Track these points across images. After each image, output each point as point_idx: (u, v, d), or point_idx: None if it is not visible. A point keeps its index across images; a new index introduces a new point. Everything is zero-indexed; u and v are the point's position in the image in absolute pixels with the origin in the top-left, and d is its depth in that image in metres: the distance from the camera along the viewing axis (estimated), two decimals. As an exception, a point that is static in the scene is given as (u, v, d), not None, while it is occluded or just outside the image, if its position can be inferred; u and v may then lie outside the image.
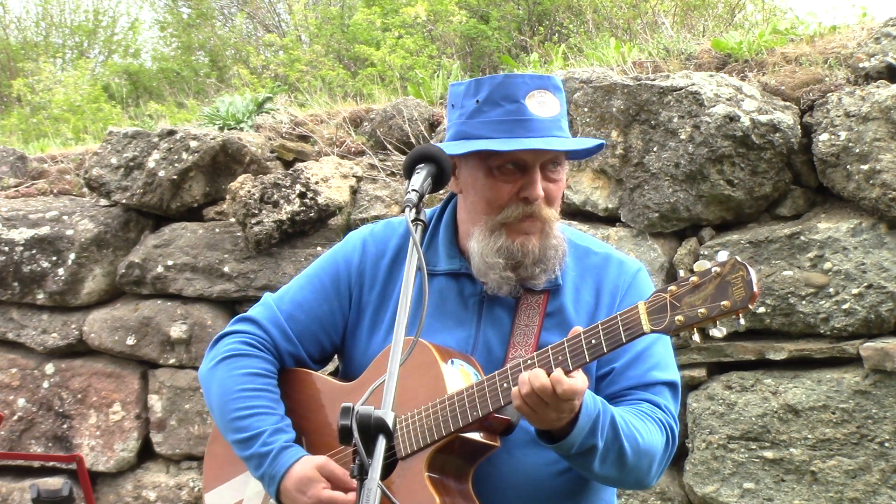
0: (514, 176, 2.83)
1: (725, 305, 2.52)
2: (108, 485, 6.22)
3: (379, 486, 2.23)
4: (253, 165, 6.15)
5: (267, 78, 11.07)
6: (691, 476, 5.06)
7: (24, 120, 11.80)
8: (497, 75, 2.90)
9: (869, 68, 5.04)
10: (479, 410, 2.71)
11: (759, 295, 2.56)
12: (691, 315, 2.55)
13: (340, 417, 2.32)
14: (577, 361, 2.65)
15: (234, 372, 2.97)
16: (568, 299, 2.90)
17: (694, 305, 2.55)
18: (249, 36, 14.71)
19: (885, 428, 4.77)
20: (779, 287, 4.90)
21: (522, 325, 2.88)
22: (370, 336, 2.96)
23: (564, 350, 2.66)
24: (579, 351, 2.65)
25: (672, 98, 5.06)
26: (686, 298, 2.56)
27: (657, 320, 2.59)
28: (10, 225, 6.37)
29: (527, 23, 10.82)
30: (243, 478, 3.01)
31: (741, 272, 2.52)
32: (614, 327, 2.64)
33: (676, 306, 2.57)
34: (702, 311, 2.54)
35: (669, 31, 6.85)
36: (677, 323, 2.57)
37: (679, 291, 2.57)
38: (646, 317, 2.59)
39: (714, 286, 2.54)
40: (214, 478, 3.09)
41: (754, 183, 4.99)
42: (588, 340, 2.65)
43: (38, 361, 6.35)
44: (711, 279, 2.54)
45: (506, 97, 2.83)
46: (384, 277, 2.97)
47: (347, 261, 3.01)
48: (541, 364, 2.66)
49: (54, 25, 16.48)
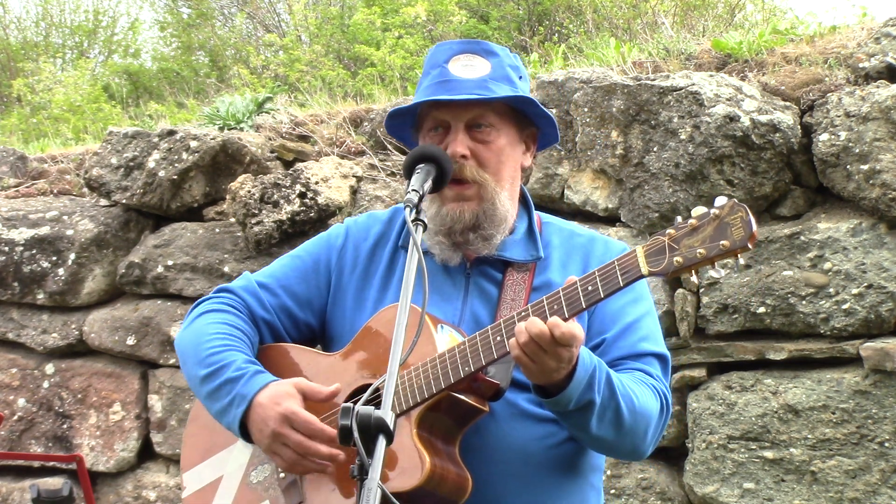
0: (441, 137, 2.85)
1: (724, 245, 2.52)
2: (108, 485, 6.22)
3: (379, 485, 2.23)
4: (253, 165, 6.15)
5: (267, 78, 11.08)
6: (691, 476, 5.06)
7: (24, 120, 11.80)
8: (433, 46, 2.94)
9: (869, 68, 5.04)
10: (472, 365, 2.69)
11: (757, 236, 2.56)
12: (690, 256, 2.55)
13: (341, 417, 2.32)
14: (573, 308, 2.63)
15: (210, 321, 2.95)
16: (555, 274, 2.90)
17: (692, 247, 2.55)
18: (249, 36, 14.71)
19: (885, 428, 4.77)
20: (779, 287, 4.90)
21: (509, 298, 2.87)
22: (354, 315, 2.94)
23: (560, 299, 2.64)
24: (575, 298, 2.63)
25: (672, 98, 5.06)
26: (685, 241, 2.56)
27: (655, 262, 2.58)
28: (11, 225, 6.37)
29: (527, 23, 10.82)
30: (223, 454, 2.98)
31: (740, 213, 2.52)
32: (611, 272, 2.63)
33: (675, 248, 2.57)
34: (701, 251, 2.54)
35: (669, 31, 6.85)
36: (676, 264, 2.57)
37: (677, 234, 2.57)
38: (644, 259, 2.59)
39: (713, 228, 2.54)
40: (192, 457, 3.05)
41: (754, 183, 4.99)
42: (584, 287, 2.63)
43: (38, 361, 6.35)
44: (710, 221, 2.54)
45: (433, 64, 2.88)
46: (365, 260, 2.97)
47: (330, 245, 3.02)
48: (535, 313, 2.64)
49: (54, 25, 16.48)
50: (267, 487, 2.91)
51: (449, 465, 2.72)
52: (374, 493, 2.23)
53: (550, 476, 2.84)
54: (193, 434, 3.07)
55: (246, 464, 2.95)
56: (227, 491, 2.96)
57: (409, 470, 2.66)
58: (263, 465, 2.93)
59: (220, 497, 2.97)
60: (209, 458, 3.01)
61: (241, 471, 2.95)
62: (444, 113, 2.85)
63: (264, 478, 2.92)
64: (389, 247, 2.98)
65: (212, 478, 2.99)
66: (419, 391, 2.71)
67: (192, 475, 3.02)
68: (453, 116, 2.84)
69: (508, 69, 2.89)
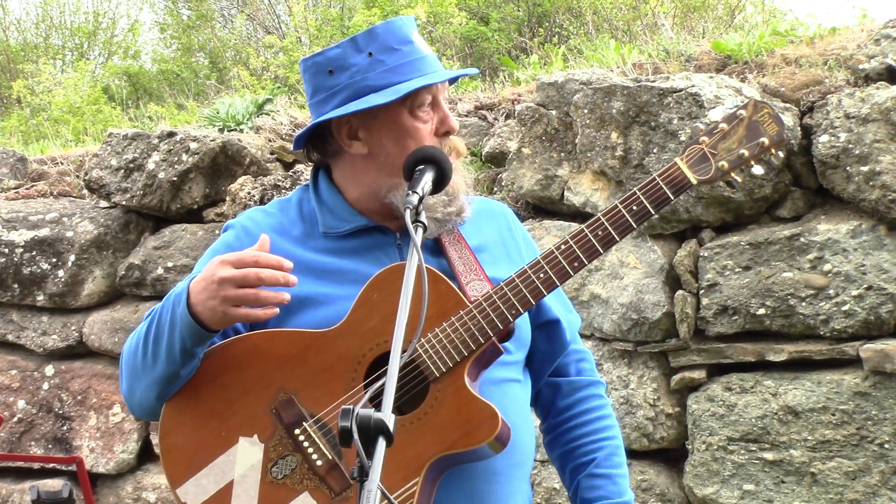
0: (429, 114, 2.81)
1: (764, 142, 2.60)
2: (108, 486, 6.22)
3: (379, 487, 2.23)
4: (253, 167, 6.16)
5: (267, 79, 11.08)
6: (691, 478, 5.06)
7: (24, 121, 11.80)
8: (376, 26, 2.83)
9: (869, 70, 5.04)
10: (520, 307, 2.68)
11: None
12: (733, 159, 2.63)
13: (340, 419, 2.31)
14: (622, 229, 2.65)
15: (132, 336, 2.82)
16: (479, 237, 2.89)
17: (732, 149, 2.62)
18: (249, 37, 14.72)
19: (885, 429, 4.77)
20: (779, 288, 4.90)
21: (456, 257, 2.83)
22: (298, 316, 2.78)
23: (603, 224, 2.65)
24: (622, 221, 2.65)
25: (672, 100, 5.06)
26: (721, 145, 2.63)
27: (702, 170, 2.64)
28: (10, 227, 6.37)
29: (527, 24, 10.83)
30: (223, 459, 2.79)
31: (766, 109, 2.60)
32: (656, 188, 2.65)
33: (715, 154, 2.63)
34: (742, 152, 2.62)
35: (669, 32, 6.85)
36: (721, 168, 2.63)
37: (713, 140, 2.63)
38: (688, 169, 2.64)
39: (744, 128, 2.61)
40: (183, 470, 2.80)
41: (754, 184, 4.99)
42: (629, 207, 2.65)
43: (38, 363, 6.35)
44: (739, 122, 2.61)
45: (400, 41, 2.80)
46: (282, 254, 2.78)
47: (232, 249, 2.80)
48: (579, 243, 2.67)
49: (54, 27, 16.49)
50: (300, 479, 2.76)
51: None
52: (374, 494, 2.23)
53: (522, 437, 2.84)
54: (173, 447, 2.82)
55: (261, 461, 2.78)
56: (245, 494, 2.79)
57: (483, 423, 2.62)
58: (286, 458, 2.77)
59: (238, 502, 2.78)
60: (206, 467, 2.81)
61: (256, 470, 2.79)
62: (435, 89, 2.82)
63: (291, 470, 2.77)
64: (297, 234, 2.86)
65: (219, 485, 2.80)
66: (463, 345, 2.67)
67: (190, 488, 2.81)
68: (438, 92, 2.82)
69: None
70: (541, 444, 3.05)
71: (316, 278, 2.80)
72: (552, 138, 5.48)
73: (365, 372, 2.73)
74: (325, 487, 2.73)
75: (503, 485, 2.80)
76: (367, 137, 2.82)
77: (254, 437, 2.78)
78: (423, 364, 2.69)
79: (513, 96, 6.15)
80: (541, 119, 5.50)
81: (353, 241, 2.85)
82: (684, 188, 2.65)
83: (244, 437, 2.79)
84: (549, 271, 2.68)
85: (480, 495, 2.76)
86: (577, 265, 2.70)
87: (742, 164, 2.63)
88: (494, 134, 5.97)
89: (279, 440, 2.76)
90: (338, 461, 2.72)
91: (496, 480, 2.78)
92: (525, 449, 2.85)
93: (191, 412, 2.81)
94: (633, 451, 5.19)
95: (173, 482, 2.83)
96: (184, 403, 2.81)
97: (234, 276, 2.57)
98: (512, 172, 5.58)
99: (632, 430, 5.15)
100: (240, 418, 2.79)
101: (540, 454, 5.29)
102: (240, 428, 2.78)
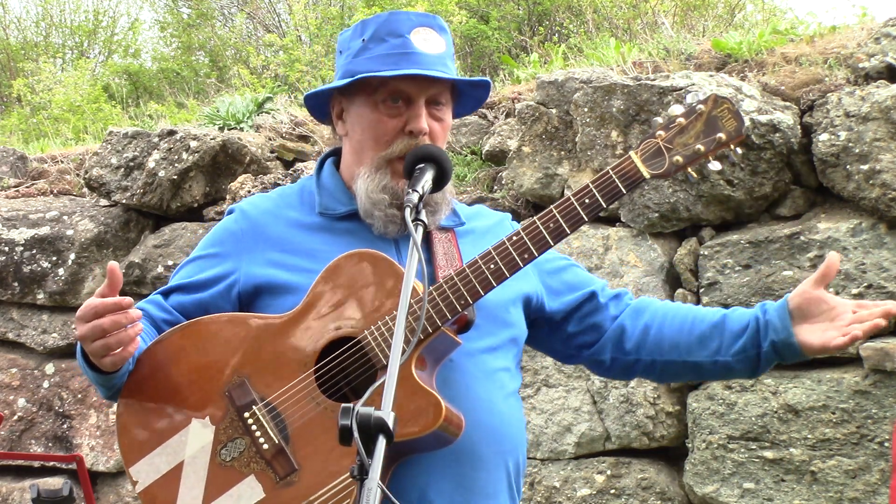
0: (400, 110, 2.81)
1: (721, 137, 2.53)
2: (108, 485, 6.22)
3: (379, 485, 2.23)
4: (253, 165, 6.16)
5: (267, 78, 11.08)
6: (691, 476, 5.06)
7: (24, 120, 11.81)
8: (382, 13, 2.89)
9: (869, 68, 5.04)
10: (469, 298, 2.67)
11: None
12: (689, 153, 2.56)
13: (340, 417, 2.31)
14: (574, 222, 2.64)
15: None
16: (475, 244, 2.88)
17: (688, 144, 2.55)
18: (249, 36, 14.72)
19: (885, 428, 4.77)
20: (779, 287, 4.90)
21: (441, 253, 2.84)
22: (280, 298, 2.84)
23: (554, 217, 2.65)
24: (573, 212, 2.64)
25: (672, 98, 5.07)
26: (677, 140, 2.56)
27: (655, 164, 2.58)
28: (11, 225, 6.37)
29: (527, 23, 10.83)
30: (175, 439, 2.84)
31: (726, 104, 2.53)
32: (609, 182, 2.63)
33: (670, 148, 2.57)
34: (699, 147, 2.55)
35: (669, 31, 6.85)
36: (676, 163, 2.57)
37: (668, 135, 2.57)
38: (641, 163, 2.58)
39: (703, 123, 2.54)
40: (135, 449, 2.86)
41: (754, 183, 4.99)
42: (581, 200, 2.63)
43: (38, 361, 6.35)
44: (698, 117, 2.55)
45: (391, 33, 2.83)
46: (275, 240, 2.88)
47: (230, 233, 2.91)
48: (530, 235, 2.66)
49: (54, 25, 16.49)
50: (247, 462, 2.81)
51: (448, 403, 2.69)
52: (374, 493, 2.23)
53: (510, 426, 2.84)
54: (128, 428, 2.89)
55: (211, 443, 2.83)
56: (194, 475, 2.83)
57: (423, 411, 2.62)
58: (235, 440, 2.82)
59: (187, 483, 2.83)
60: (158, 447, 2.85)
61: (206, 452, 2.83)
62: (410, 86, 2.81)
63: (239, 453, 2.82)
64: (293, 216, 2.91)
65: (170, 465, 2.85)
66: (412, 333, 2.61)
67: (143, 467, 2.86)
68: (418, 90, 2.81)
69: (451, 48, 2.90)
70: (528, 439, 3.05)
71: (307, 257, 2.84)
72: (552, 137, 5.48)
73: (316, 358, 2.75)
74: (271, 471, 2.77)
75: (490, 472, 2.80)
76: (347, 120, 2.90)
77: (206, 419, 2.82)
78: (371, 352, 2.70)
79: (513, 95, 6.16)
80: (541, 118, 5.50)
81: (348, 224, 2.87)
82: (637, 182, 2.62)
83: (197, 418, 2.83)
84: (500, 262, 2.68)
85: (467, 481, 2.78)
86: (528, 257, 2.70)
87: (698, 160, 2.58)
88: (494, 132, 5.97)
89: (230, 423, 2.79)
90: (284, 446, 2.76)
91: (483, 467, 2.79)
92: (513, 438, 2.85)
93: (148, 392, 2.85)
94: (633, 450, 5.20)
95: (127, 461, 2.88)
96: (141, 384, 2.85)
97: (84, 334, 2.67)
98: (512, 171, 5.58)
99: (632, 428, 5.15)
100: (195, 400, 2.83)
101: (541, 453, 5.29)
102: (194, 409, 2.83)
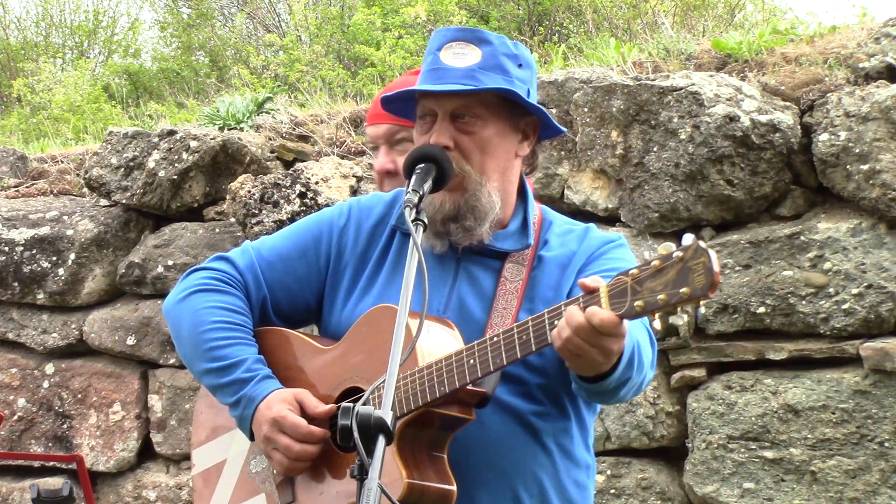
0: (430, 126, 2.82)
1: (685, 293, 2.38)
2: (108, 485, 6.22)
3: (379, 485, 2.23)
4: (253, 165, 6.16)
5: (267, 78, 11.08)
6: (691, 476, 5.06)
7: (24, 120, 11.80)
8: (439, 30, 2.92)
9: (869, 68, 5.04)
10: (447, 386, 2.64)
11: (719, 283, 2.40)
12: (651, 301, 2.43)
13: (340, 417, 2.32)
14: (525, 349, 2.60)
15: (209, 304, 2.93)
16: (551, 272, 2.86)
17: (654, 291, 2.42)
18: (249, 36, 14.72)
19: (885, 428, 4.77)
20: (779, 287, 4.90)
21: (502, 291, 2.82)
22: (346, 299, 2.92)
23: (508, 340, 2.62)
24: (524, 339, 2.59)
25: (672, 98, 5.07)
26: (647, 283, 2.43)
27: (617, 305, 2.47)
28: (11, 225, 6.37)
29: (527, 23, 10.84)
30: (227, 437, 2.97)
31: (703, 258, 2.37)
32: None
33: (637, 291, 2.44)
34: (661, 297, 2.41)
35: (669, 31, 6.85)
36: (637, 309, 2.44)
37: (640, 275, 2.44)
38: (607, 300, 2.48)
39: (675, 271, 2.40)
40: (202, 435, 3.04)
41: (754, 183, 4.99)
42: (552, 322, 2.55)
43: (38, 361, 6.35)
44: (673, 264, 2.40)
45: (430, 49, 2.86)
46: (365, 241, 2.94)
47: (331, 223, 2.97)
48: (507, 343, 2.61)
49: (54, 25, 16.47)
50: (263, 480, 2.90)
51: (432, 476, 2.67)
52: (374, 493, 2.23)
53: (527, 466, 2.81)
54: (202, 411, 3.05)
55: (246, 451, 2.94)
56: (229, 477, 2.96)
57: (388, 485, 2.56)
58: (260, 456, 2.92)
59: (222, 483, 2.96)
60: (216, 438, 3.00)
61: (241, 457, 2.94)
62: (431, 102, 2.81)
63: (261, 469, 2.92)
64: (388, 228, 2.95)
65: (217, 459, 2.99)
66: (398, 405, 2.65)
67: (201, 453, 3.02)
68: (439, 105, 2.80)
69: (503, 58, 2.82)
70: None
71: (374, 269, 2.91)
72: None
73: (335, 400, 2.81)
74: (277, 496, 2.87)
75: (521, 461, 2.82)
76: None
77: None
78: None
79: (513, 95, 6.14)
80: (541, 117, 5.49)
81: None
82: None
83: None
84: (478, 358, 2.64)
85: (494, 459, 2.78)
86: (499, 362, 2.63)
87: (658, 310, 2.43)
88: (494, 132, 5.96)
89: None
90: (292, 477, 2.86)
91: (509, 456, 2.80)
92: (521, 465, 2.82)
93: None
94: (633, 450, 5.20)
95: (193, 443, 3.03)
96: None
97: (277, 443, 2.79)
98: (512, 171, 5.57)
99: (632, 428, 5.15)
100: None
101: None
102: None
